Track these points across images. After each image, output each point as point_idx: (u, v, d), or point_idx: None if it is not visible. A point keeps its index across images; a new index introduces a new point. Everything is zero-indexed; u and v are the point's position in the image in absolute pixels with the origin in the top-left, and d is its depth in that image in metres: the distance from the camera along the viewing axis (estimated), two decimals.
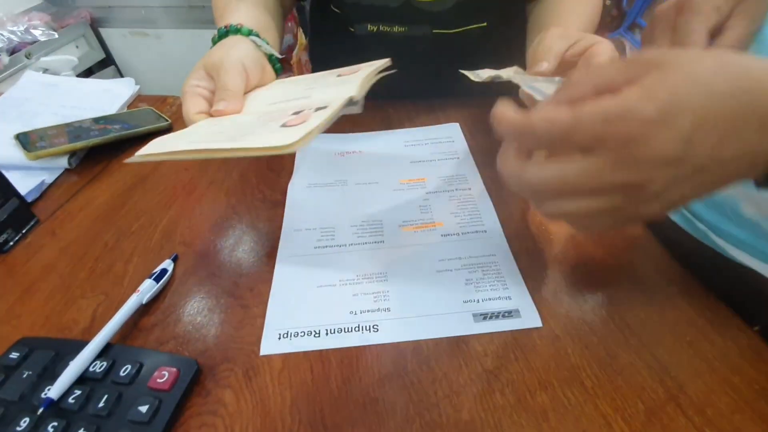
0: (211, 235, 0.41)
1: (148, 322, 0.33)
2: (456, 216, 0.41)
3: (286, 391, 0.28)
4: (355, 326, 0.32)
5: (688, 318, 0.31)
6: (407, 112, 0.58)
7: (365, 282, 0.35)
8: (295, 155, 0.51)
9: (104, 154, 0.52)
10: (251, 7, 0.49)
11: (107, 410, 0.26)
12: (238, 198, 0.45)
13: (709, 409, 0.26)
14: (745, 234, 0.34)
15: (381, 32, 0.56)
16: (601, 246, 0.37)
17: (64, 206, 0.46)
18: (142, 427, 0.26)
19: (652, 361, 0.28)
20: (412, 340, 0.31)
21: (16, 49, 1.21)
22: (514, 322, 0.31)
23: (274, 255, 0.38)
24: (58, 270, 0.38)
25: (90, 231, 0.42)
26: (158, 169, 0.50)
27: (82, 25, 1.37)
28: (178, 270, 0.37)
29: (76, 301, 0.35)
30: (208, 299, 0.35)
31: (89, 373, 0.29)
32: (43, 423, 0.26)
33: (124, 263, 0.38)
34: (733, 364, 0.28)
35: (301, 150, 0.33)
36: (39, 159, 0.49)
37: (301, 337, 0.32)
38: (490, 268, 0.35)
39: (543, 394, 0.27)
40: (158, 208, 0.44)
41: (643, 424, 0.25)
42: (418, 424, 0.26)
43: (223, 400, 0.28)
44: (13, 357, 0.30)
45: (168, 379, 0.28)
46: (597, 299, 0.33)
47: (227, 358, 0.30)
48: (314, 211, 0.43)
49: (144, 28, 1.39)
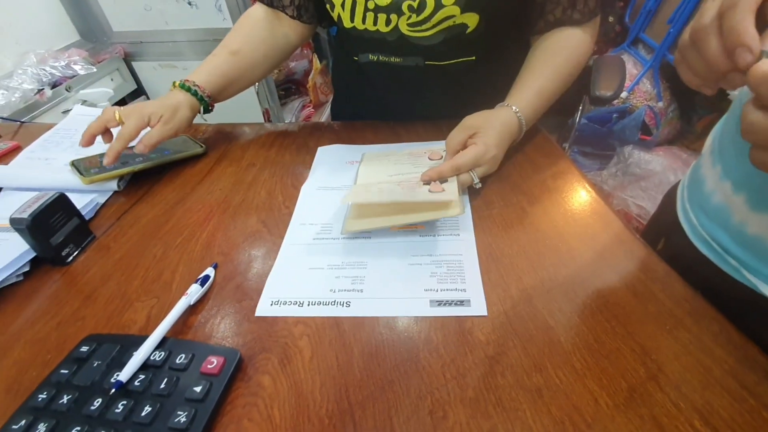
0: (245, 245, 0.46)
1: (195, 320, 0.38)
2: (436, 221, 0.47)
3: (316, 375, 0.33)
4: (332, 301, 0.39)
5: (667, 309, 0.34)
6: (415, 129, 0.64)
7: (348, 268, 0.42)
8: (314, 158, 0.60)
9: (147, 178, 0.59)
10: (218, 63, 0.64)
11: (167, 391, 0.32)
12: (266, 213, 0.51)
13: (684, 386, 0.29)
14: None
15: (380, 61, 0.63)
16: (579, 244, 0.41)
17: (115, 224, 0.52)
18: (197, 404, 0.31)
19: (635, 346, 0.32)
20: (375, 316, 0.37)
21: (58, 83, 1.32)
22: (464, 309, 0.37)
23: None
24: (114, 278, 0.44)
25: (140, 245, 0.48)
26: (195, 191, 0.56)
27: (117, 60, 1.48)
28: (218, 276, 0.43)
29: (132, 304, 0.41)
30: (245, 300, 0.40)
31: (150, 361, 0.34)
32: (114, 403, 0.31)
33: (171, 272, 0.44)
34: (706, 347, 0.31)
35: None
36: (93, 183, 0.56)
37: (288, 306, 0.39)
38: (454, 266, 0.41)
39: (538, 376, 0.31)
40: (198, 223, 0.50)
41: (626, 399, 0.29)
42: (429, 401, 0.30)
43: (263, 384, 0.33)
44: (83, 350, 0.36)
45: (216, 366, 0.33)
46: (585, 295, 0.37)
47: (264, 349, 0.35)
48: (319, 209, 0.50)
49: (172, 60, 1.50)
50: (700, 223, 0.40)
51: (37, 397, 0.32)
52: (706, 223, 0.39)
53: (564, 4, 0.54)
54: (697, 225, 0.41)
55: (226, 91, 0.66)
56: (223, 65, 0.64)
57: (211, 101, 0.63)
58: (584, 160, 1.61)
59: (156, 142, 0.57)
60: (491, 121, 0.51)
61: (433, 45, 0.58)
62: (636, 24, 1.67)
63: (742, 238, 0.36)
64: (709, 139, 0.43)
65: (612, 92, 0.85)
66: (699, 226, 0.40)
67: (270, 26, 0.66)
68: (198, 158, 0.63)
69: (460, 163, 0.47)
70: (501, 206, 0.48)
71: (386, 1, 0.54)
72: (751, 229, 0.34)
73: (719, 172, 0.38)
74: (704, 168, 0.41)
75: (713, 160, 0.40)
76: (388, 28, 0.57)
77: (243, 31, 0.67)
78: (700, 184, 0.41)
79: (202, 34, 1.41)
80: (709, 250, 0.39)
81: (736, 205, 0.36)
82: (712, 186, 0.39)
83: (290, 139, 0.66)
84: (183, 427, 0.29)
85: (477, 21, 0.54)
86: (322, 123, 0.73)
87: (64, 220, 0.46)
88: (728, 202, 0.36)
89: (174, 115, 0.59)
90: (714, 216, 0.38)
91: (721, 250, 0.38)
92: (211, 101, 0.63)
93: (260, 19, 0.66)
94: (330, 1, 0.58)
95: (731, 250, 0.37)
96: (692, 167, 0.45)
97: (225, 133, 0.70)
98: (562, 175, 0.52)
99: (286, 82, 1.82)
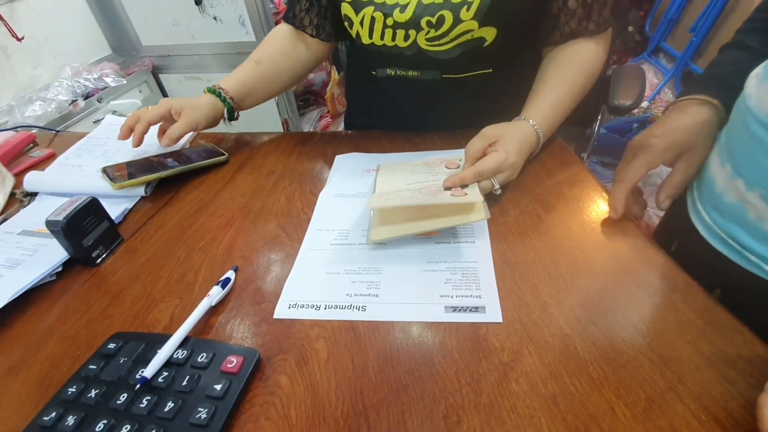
0: (264, 250, 0.48)
1: (216, 321, 0.40)
2: (452, 228, 0.47)
3: (332, 377, 0.33)
4: (348, 305, 0.39)
5: (688, 320, 0.34)
6: (431, 139, 0.65)
7: (363, 273, 0.43)
8: (331, 166, 0.62)
9: (173, 184, 0.61)
10: (243, 71, 0.69)
11: (189, 388, 0.33)
12: (285, 219, 0.52)
13: (705, 398, 0.29)
14: None
15: (398, 75, 0.65)
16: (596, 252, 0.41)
17: (142, 228, 0.54)
18: (217, 402, 0.32)
19: (654, 356, 0.32)
20: (390, 320, 0.37)
21: (90, 94, 1.39)
22: (478, 315, 0.37)
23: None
24: (140, 279, 0.46)
25: (165, 248, 0.50)
26: (218, 197, 0.58)
27: (145, 72, 1.55)
28: (239, 279, 0.44)
29: (157, 304, 0.42)
30: (263, 302, 0.41)
31: (173, 359, 0.35)
32: (138, 398, 0.33)
33: (194, 274, 0.45)
34: (730, 359, 0.30)
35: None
36: (122, 189, 0.58)
37: (305, 309, 0.40)
38: (470, 272, 0.41)
39: (553, 383, 0.31)
40: (220, 228, 0.52)
41: (644, 409, 0.29)
42: (443, 406, 0.31)
43: (280, 383, 0.33)
44: (110, 347, 0.37)
45: (236, 365, 0.34)
46: (602, 303, 0.36)
47: (282, 350, 0.36)
48: (335, 216, 0.52)
49: (197, 72, 1.56)
50: (714, 222, 0.40)
51: (67, 390, 0.34)
52: (721, 222, 0.39)
53: (579, 15, 0.55)
54: (712, 224, 0.41)
55: (250, 97, 0.69)
56: (246, 73, 0.69)
57: (234, 105, 0.67)
58: (603, 170, 1.58)
59: (179, 135, 0.62)
60: (511, 131, 0.51)
61: (450, 58, 0.59)
62: (657, 33, 1.65)
63: (761, 234, 0.36)
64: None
65: (631, 101, 0.84)
66: (714, 225, 0.40)
67: (293, 42, 0.71)
68: (221, 166, 0.65)
69: (483, 168, 0.47)
70: (516, 214, 0.48)
71: (405, 18, 0.56)
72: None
73: (730, 171, 0.38)
74: (713, 167, 0.41)
75: (722, 159, 0.40)
76: (406, 43, 0.58)
77: (268, 45, 0.71)
78: (711, 183, 0.41)
79: (225, 48, 1.47)
80: (727, 248, 0.39)
81: (750, 202, 0.36)
82: (724, 184, 0.39)
83: (309, 147, 0.68)
84: (204, 423, 0.30)
85: (495, 34, 0.55)
86: (340, 132, 0.75)
87: (96, 223, 0.49)
88: (742, 200, 0.37)
89: (194, 112, 0.63)
90: (729, 214, 0.38)
91: (739, 248, 0.38)
92: (234, 105, 0.67)
93: (284, 35, 0.71)
94: (349, 19, 0.60)
95: (750, 246, 0.37)
96: (701, 169, 0.45)
97: (246, 142, 0.72)
98: (578, 183, 0.52)
99: (305, 93, 1.87)
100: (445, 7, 0.54)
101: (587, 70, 0.57)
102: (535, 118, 0.53)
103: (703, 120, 0.42)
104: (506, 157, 0.48)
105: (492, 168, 0.47)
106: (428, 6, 0.54)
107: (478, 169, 0.47)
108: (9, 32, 1.20)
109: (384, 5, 0.57)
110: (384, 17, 0.57)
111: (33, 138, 0.80)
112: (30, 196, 0.63)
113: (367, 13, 0.58)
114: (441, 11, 0.54)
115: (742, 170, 0.37)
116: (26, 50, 1.26)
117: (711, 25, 1.38)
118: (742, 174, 0.37)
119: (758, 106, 0.35)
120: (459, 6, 0.53)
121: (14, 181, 0.67)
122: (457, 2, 0.53)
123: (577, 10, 0.54)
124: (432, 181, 0.51)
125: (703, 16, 1.39)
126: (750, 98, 0.36)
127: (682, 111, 0.44)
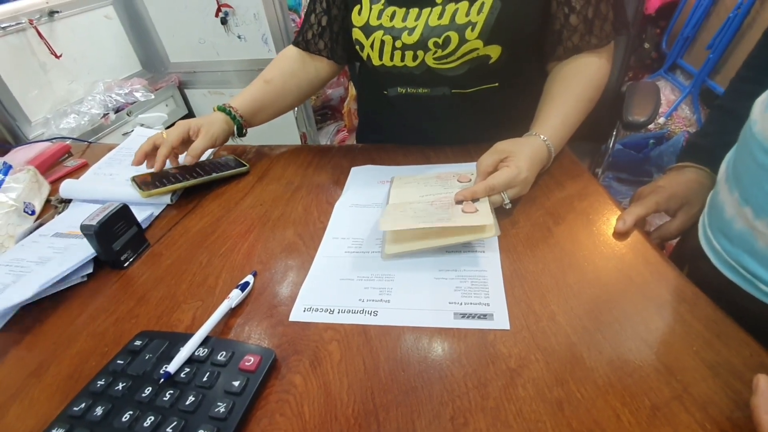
0: (282, 256, 0.50)
1: (235, 322, 0.42)
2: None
3: (344, 377, 0.35)
4: (360, 310, 0.41)
5: (695, 331, 0.34)
6: (444, 153, 0.67)
7: (376, 279, 0.45)
8: (347, 177, 0.64)
9: (197, 193, 0.65)
10: (253, 90, 0.72)
11: (210, 383, 0.34)
12: (302, 227, 0.54)
13: (710, 407, 0.29)
14: None
15: (408, 93, 0.67)
16: (605, 263, 0.41)
17: (167, 234, 0.57)
18: (235, 397, 0.33)
19: (660, 365, 0.32)
20: (400, 325, 0.39)
21: (120, 108, 1.46)
22: (487, 322, 0.38)
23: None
24: (165, 282, 0.48)
25: (188, 253, 0.53)
26: (238, 205, 0.61)
27: (172, 87, 1.62)
28: (257, 283, 0.46)
29: (180, 305, 0.45)
30: (280, 305, 0.43)
31: (195, 356, 0.37)
32: (162, 391, 0.35)
33: (215, 277, 0.48)
34: (736, 371, 0.31)
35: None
36: (150, 197, 0.62)
37: (319, 312, 0.42)
38: (479, 281, 0.42)
39: (559, 389, 0.32)
40: (240, 234, 0.54)
41: (649, 417, 0.29)
42: (451, 408, 0.32)
43: (294, 383, 0.35)
44: (136, 344, 0.39)
45: (253, 363, 0.35)
46: (609, 313, 0.37)
47: (297, 351, 0.38)
48: (350, 225, 0.54)
49: (220, 88, 1.62)
50: (724, 249, 0.40)
51: (96, 383, 0.36)
52: (730, 249, 0.39)
53: (581, 30, 0.56)
54: (721, 251, 0.40)
55: (259, 114, 0.73)
56: (256, 92, 0.72)
57: (244, 122, 0.70)
58: (619, 186, 1.57)
59: (200, 152, 0.64)
60: (522, 147, 0.53)
61: (458, 75, 0.61)
62: (673, 50, 1.65)
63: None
64: (723, 166, 0.43)
65: (645, 117, 0.85)
66: (723, 252, 0.40)
67: (301, 63, 0.74)
68: (242, 176, 0.68)
69: (494, 183, 0.48)
70: (526, 225, 0.49)
71: (413, 40, 0.59)
72: None
73: (737, 198, 0.38)
74: (722, 194, 0.41)
75: (729, 186, 0.40)
76: (415, 63, 0.61)
77: (277, 64, 0.75)
78: (720, 210, 0.41)
79: (247, 64, 1.53)
80: (736, 276, 0.39)
81: (759, 230, 0.35)
82: (732, 212, 0.39)
83: (326, 159, 0.71)
84: (222, 417, 0.32)
85: (500, 52, 0.57)
86: (356, 145, 0.78)
87: (125, 228, 0.52)
88: (751, 228, 0.36)
89: (211, 128, 0.66)
90: (738, 242, 0.38)
91: (749, 276, 0.37)
92: (244, 122, 0.70)
93: (292, 57, 0.75)
94: (360, 43, 0.63)
95: (760, 275, 0.36)
96: (711, 194, 0.45)
97: (266, 154, 0.75)
98: (588, 196, 0.53)
99: (323, 107, 1.92)
100: (450, 29, 0.56)
101: (593, 83, 0.58)
102: (545, 133, 0.55)
103: (699, 181, 0.50)
104: (518, 173, 0.49)
105: (503, 183, 0.49)
106: (435, 28, 0.57)
107: (490, 183, 0.48)
108: (48, 50, 1.28)
109: (393, 29, 0.60)
110: (393, 40, 0.60)
111: (68, 148, 0.85)
112: (64, 202, 0.67)
113: (377, 37, 0.61)
114: (447, 32, 0.56)
115: (749, 198, 0.37)
116: (63, 66, 1.34)
117: (728, 42, 1.37)
118: (750, 202, 0.36)
119: (762, 133, 0.35)
120: (464, 27, 0.56)
121: (50, 189, 0.72)
122: (462, 23, 0.56)
123: (579, 26, 0.56)
124: (444, 194, 0.52)
125: (720, 33, 1.39)
126: (755, 124, 0.36)
127: (680, 172, 0.52)
